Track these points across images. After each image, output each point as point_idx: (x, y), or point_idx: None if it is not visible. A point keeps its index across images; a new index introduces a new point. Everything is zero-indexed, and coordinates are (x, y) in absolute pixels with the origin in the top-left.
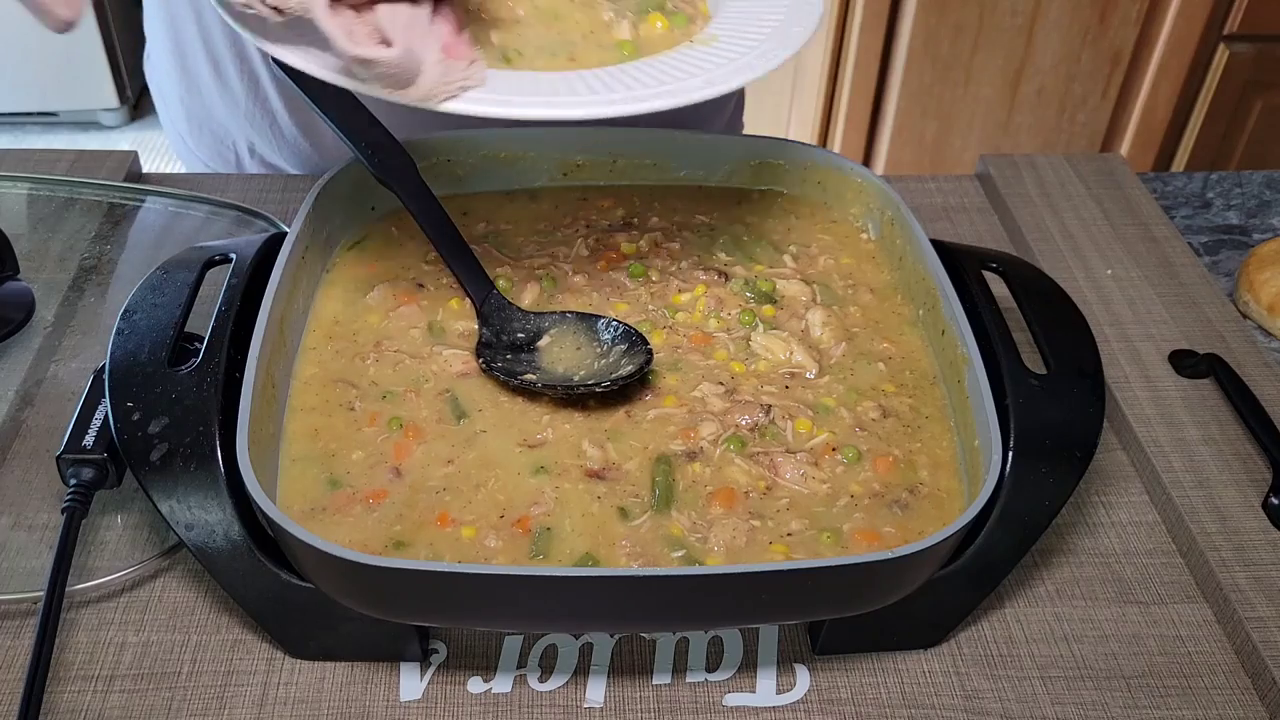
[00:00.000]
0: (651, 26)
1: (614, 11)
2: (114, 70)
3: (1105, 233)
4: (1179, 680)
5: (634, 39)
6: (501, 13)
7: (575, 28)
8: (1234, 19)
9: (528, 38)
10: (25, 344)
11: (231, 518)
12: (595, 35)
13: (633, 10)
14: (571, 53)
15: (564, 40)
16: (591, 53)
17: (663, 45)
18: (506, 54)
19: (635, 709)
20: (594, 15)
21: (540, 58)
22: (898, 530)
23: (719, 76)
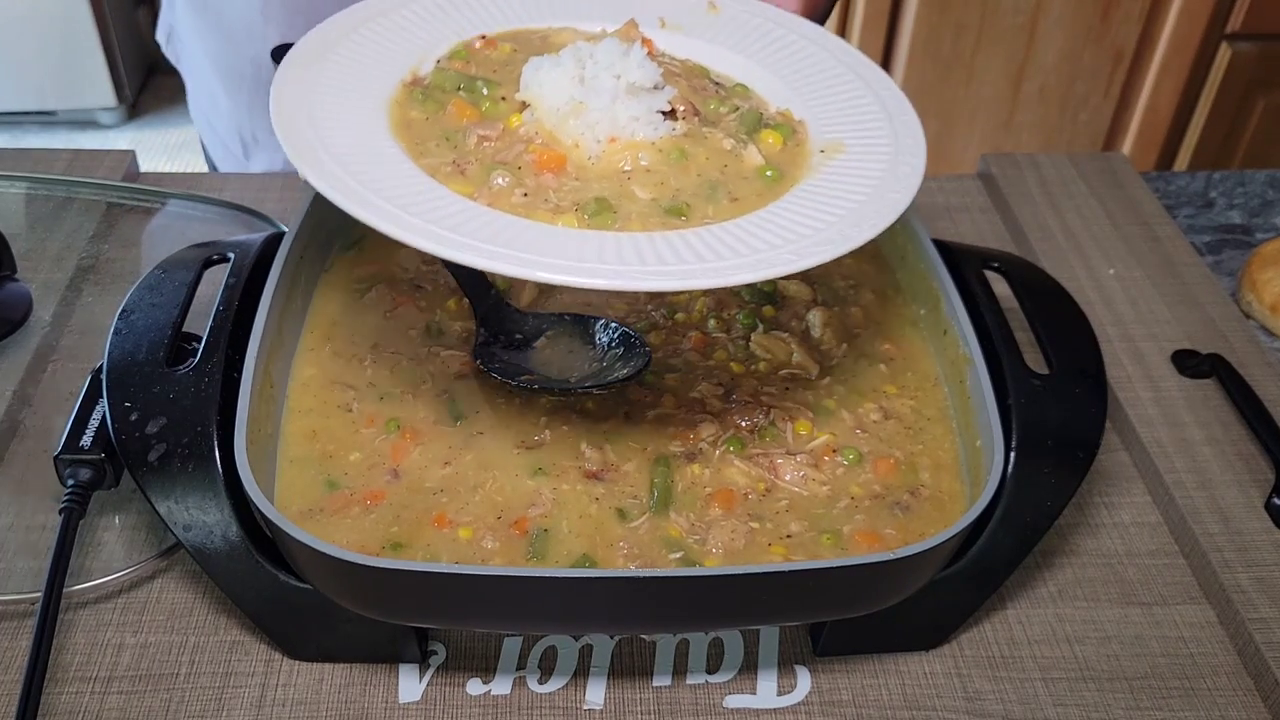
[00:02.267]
0: (768, 143)
1: (729, 137)
2: (112, 69)
3: (1107, 232)
4: (1181, 681)
5: (769, 161)
6: (625, 164)
7: (709, 164)
8: (1236, 17)
9: (675, 186)
10: (23, 344)
11: (229, 518)
12: (731, 168)
13: (744, 132)
14: (729, 192)
15: (710, 181)
16: (743, 186)
17: (794, 162)
18: (678, 208)
19: (635, 711)
20: (713, 145)
21: (705, 204)
22: (899, 532)
23: (887, 202)
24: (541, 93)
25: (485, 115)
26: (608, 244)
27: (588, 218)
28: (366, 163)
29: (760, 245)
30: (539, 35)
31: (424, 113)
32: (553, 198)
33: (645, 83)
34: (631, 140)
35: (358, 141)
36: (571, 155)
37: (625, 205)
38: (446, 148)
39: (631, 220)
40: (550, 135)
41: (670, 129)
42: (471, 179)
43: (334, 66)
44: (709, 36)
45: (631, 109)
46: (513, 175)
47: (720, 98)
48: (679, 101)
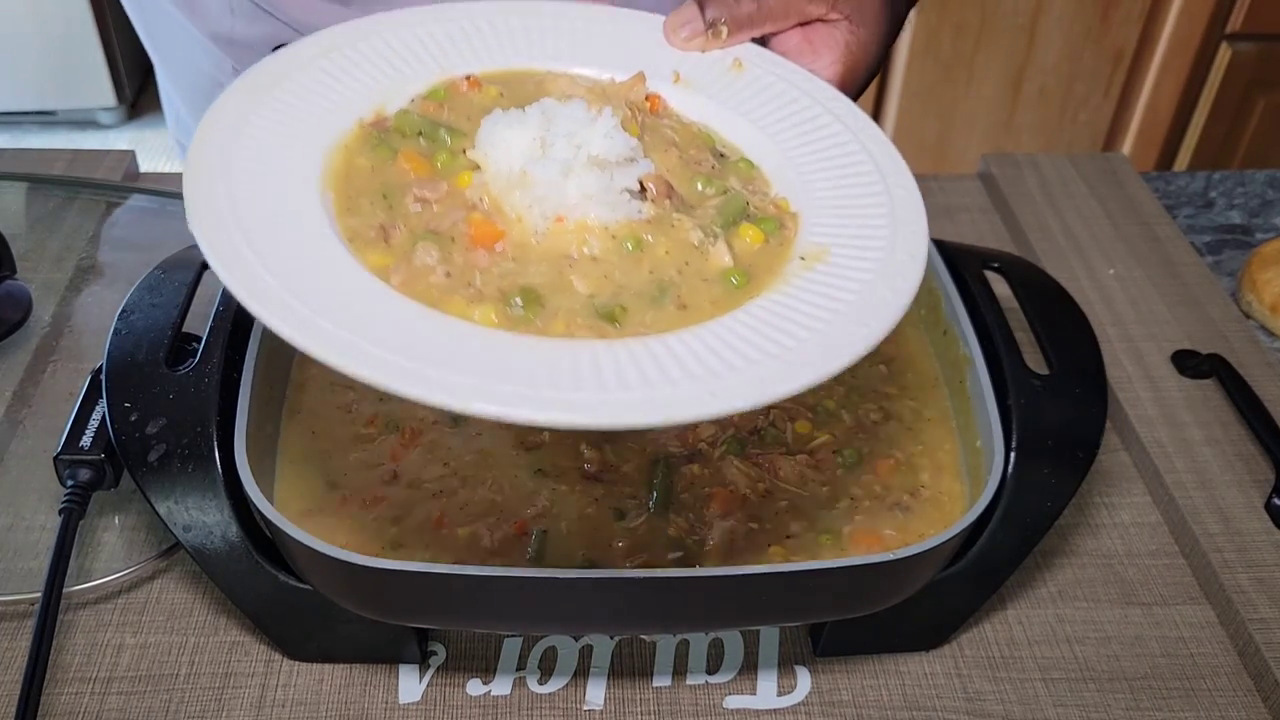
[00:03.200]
0: (745, 241)
1: (699, 229)
2: (112, 69)
3: (1107, 232)
4: (1181, 682)
5: (738, 264)
6: (572, 248)
7: (667, 260)
8: (1236, 17)
9: (620, 282)
10: (22, 344)
11: (229, 519)
12: (692, 267)
13: (719, 224)
14: (678, 297)
15: (660, 280)
16: (699, 291)
17: (769, 268)
18: (610, 312)
19: (635, 711)
20: (677, 237)
21: (646, 310)
22: (898, 532)
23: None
24: (493, 154)
25: (438, 170)
26: (512, 356)
27: (509, 311)
28: (270, 221)
29: (677, 375)
30: (534, 80)
31: (372, 160)
32: (477, 281)
33: (610, 156)
34: (582, 222)
35: (276, 191)
36: (513, 231)
37: (556, 300)
38: (381, 206)
39: (557, 319)
40: (495, 204)
41: (635, 211)
42: (394, 249)
43: (288, 94)
44: (724, 99)
45: (586, 186)
46: (440, 249)
47: (713, 175)
48: (652, 180)
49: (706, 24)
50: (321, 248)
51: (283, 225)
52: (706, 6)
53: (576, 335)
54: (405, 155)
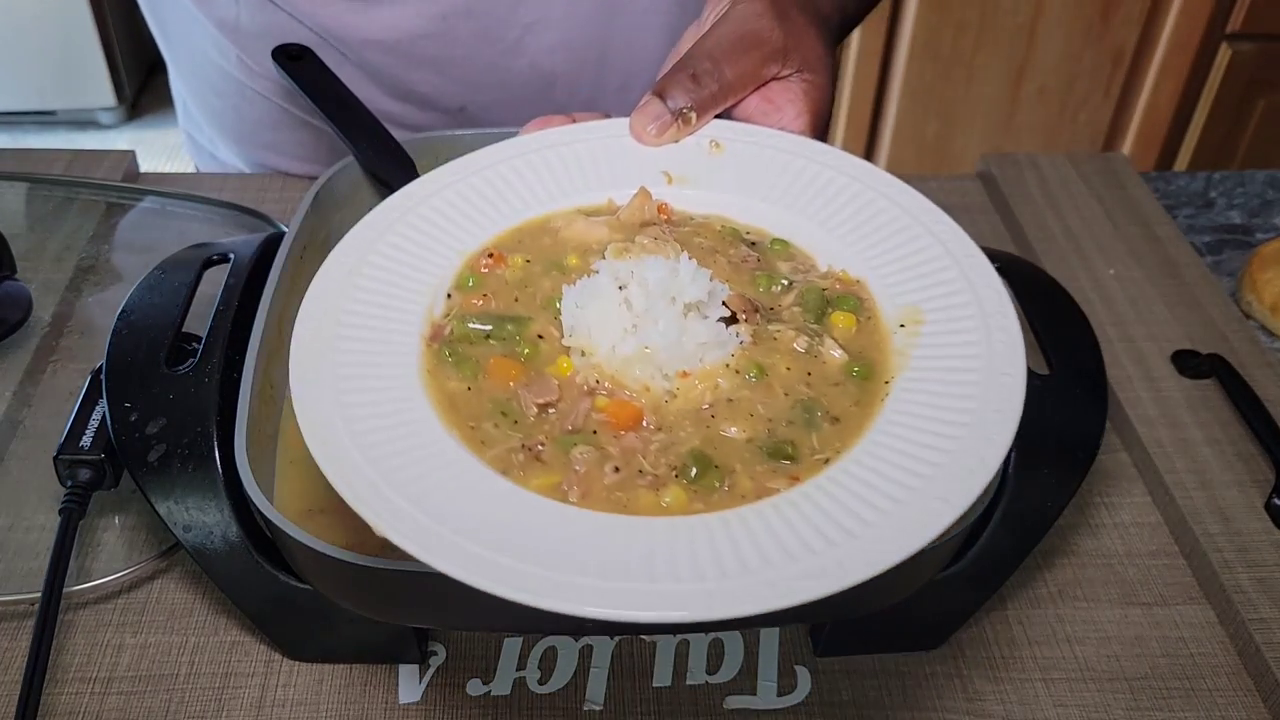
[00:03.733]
0: (841, 328)
1: (797, 332)
2: (112, 69)
3: (1107, 232)
4: (1181, 682)
5: (851, 356)
6: (705, 398)
7: (791, 376)
8: (1236, 18)
9: (767, 415)
10: (22, 344)
11: (229, 519)
12: (816, 374)
13: (812, 320)
14: (827, 411)
15: (800, 400)
16: (835, 397)
17: (875, 345)
18: (782, 451)
19: (635, 711)
20: (785, 348)
21: (808, 434)
22: None
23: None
24: (593, 338)
25: (528, 366)
26: (725, 540)
27: (694, 485)
28: (429, 479)
29: (901, 495)
30: (547, 231)
31: (462, 381)
32: (646, 465)
33: (703, 297)
34: (705, 370)
35: (412, 445)
36: (644, 400)
37: (723, 453)
38: (506, 426)
39: (737, 474)
40: (615, 380)
41: (736, 339)
42: (551, 464)
43: (343, 350)
44: (721, 184)
45: (697, 334)
46: (593, 446)
47: (762, 270)
48: (735, 302)
49: (673, 115)
50: (483, 485)
51: (443, 479)
52: (668, 97)
53: (770, 485)
54: (495, 364)
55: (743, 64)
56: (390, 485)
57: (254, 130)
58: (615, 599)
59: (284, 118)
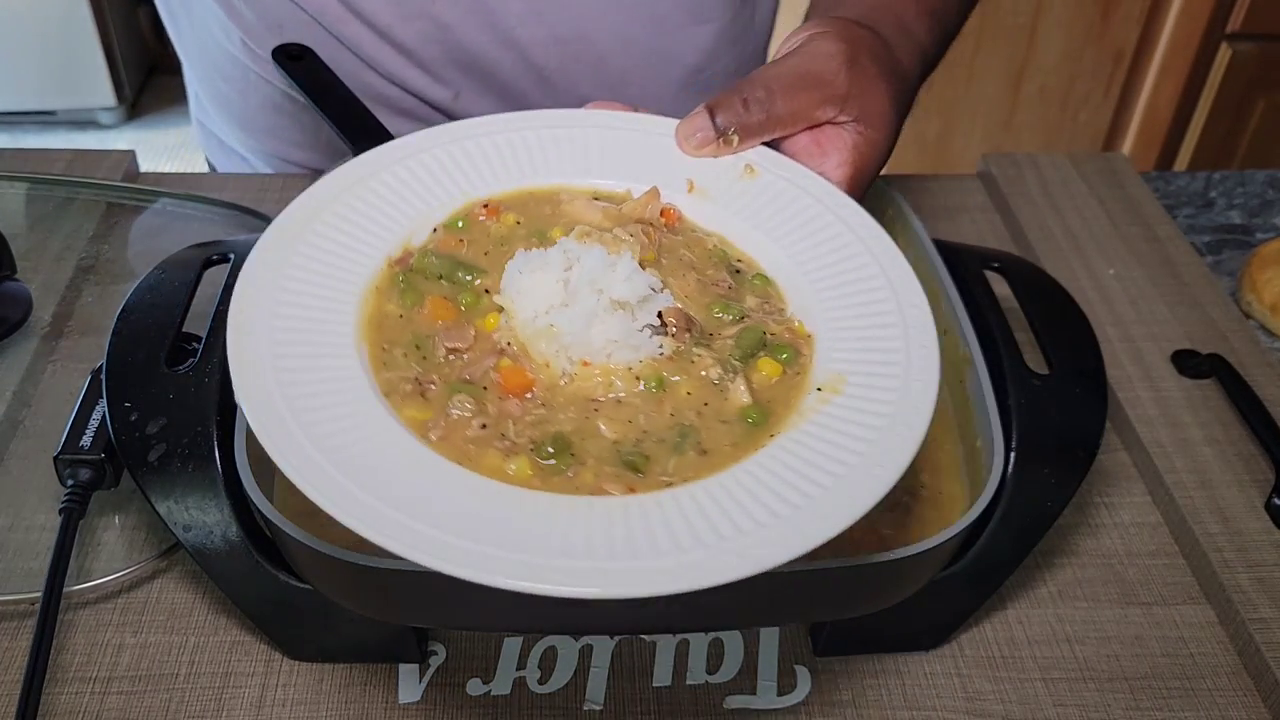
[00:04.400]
0: (762, 374)
1: (718, 365)
2: (112, 69)
3: (1107, 232)
4: (1181, 682)
5: (755, 401)
6: (598, 392)
7: (687, 401)
8: (1236, 18)
9: (643, 427)
10: (22, 344)
11: (229, 519)
12: (711, 407)
13: (737, 357)
14: (699, 442)
15: (682, 425)
16: (718, 434)
17: (785, 401)
18: (634, 461)
19: (635, 711)
20: (697, 374)
21: (669, 457)
22: (897, 533)
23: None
24: (519, 301)
25: (463, 313)
26: (542, 522)
27: (542, 463)
28: (308, 377)
29: (706, 535)
30: (551, 202)
31: (400, 306)
32: (511, 432)
33: (631, 298)
34: (606, 366)
35: (313, 343)
36: (541, 375)
37: (586, 445)
38: (414, 358)
39: (586, 468)
40: (523, 349)
41: (656, 348)
42: (432, 402)
43: (317, 236)
44: (738, 208)
45: (610, 331)
46: (475, 400)
47: (730, 296)
48: (671, 315)
49: (718, 132)
50: (358, 404)
51: (322, 380)
52: (717, 114)
53: (605, 487)
54: (431, 302)
55: (797, 101)
56: (276, 372)
57: (258, 115)
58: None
59: (286, 103)
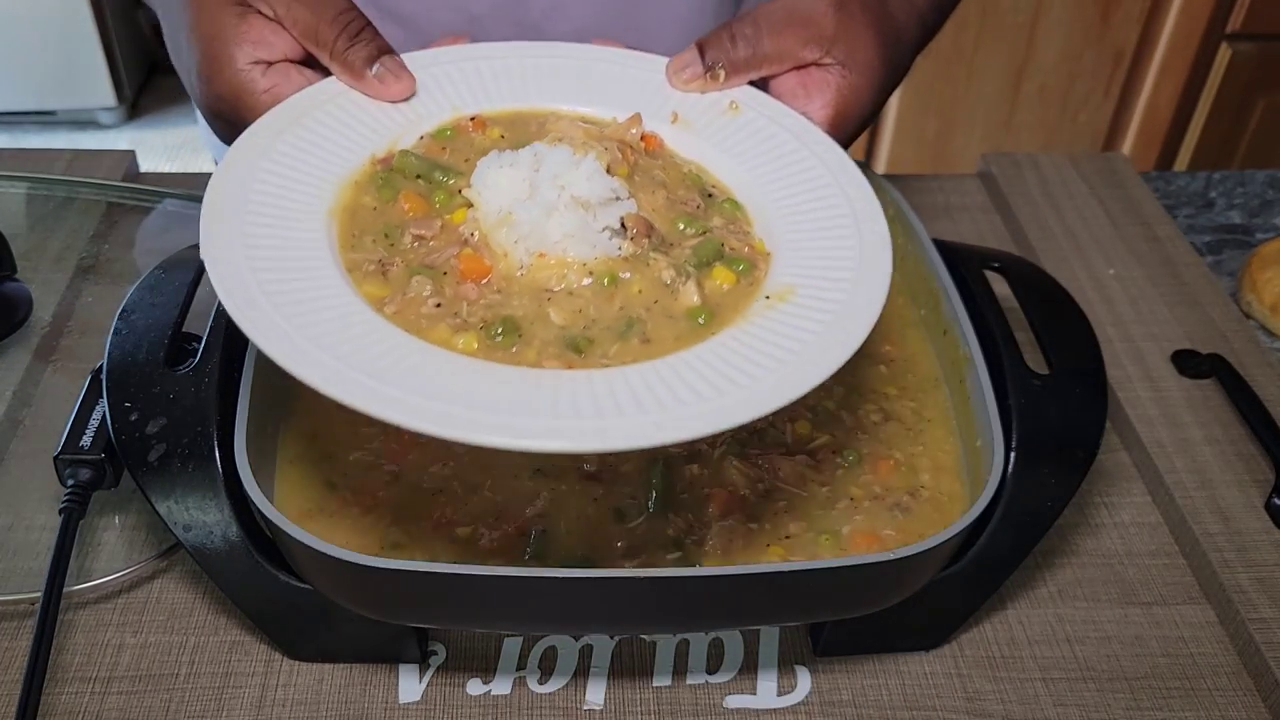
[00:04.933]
0: (716, 282)
1: (673, 268)
2: (112, 69)
3: (1107, 232)
4: (1181, 682)
5: (704, 303)
6: (552, 282)
7: (639, 298)
8: (1236, 17)
9: (591, 316)
10: (23, 344)
11: (229, 519)
12: (661, 305)
13: (693, 264)
14: (644, 332)
15: (629, 316)
16: (663, 327)
17: (735, 307)
18: (577, 343)
19: (635, 711)
20: (651, 275)
21: (611, 343)
22: (898, 533)
23: (812, 368)
24: (485, 194)
25: (435, 209)
26: (480, 384)
27: (490, 339)
28: (276, 249)
29: (628, 406)
30: (537, 121)
31: (376, 200)
32: (464, 312)
33: (592, 197)
34: (561, 258)
35: (286, 220)
36: (500, 265)
37: (534, 328)
38: (382, 244)
39: (530, 348)
40: (485, 240)
41: (615, 248)
42: (391, 281)
43: (307, 130)
44: (719, 140)
45: (566, 225)
46: (434, 281)
47: (697, 215)
48: (632, 220)
49: (705, 67)
50: (321, 276)
51: (288, 253)
52: (706, 51)
53: (544, 364)
54: (406, 196)
55: (783, 40)
56: (245, 239)
57: None
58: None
59: None
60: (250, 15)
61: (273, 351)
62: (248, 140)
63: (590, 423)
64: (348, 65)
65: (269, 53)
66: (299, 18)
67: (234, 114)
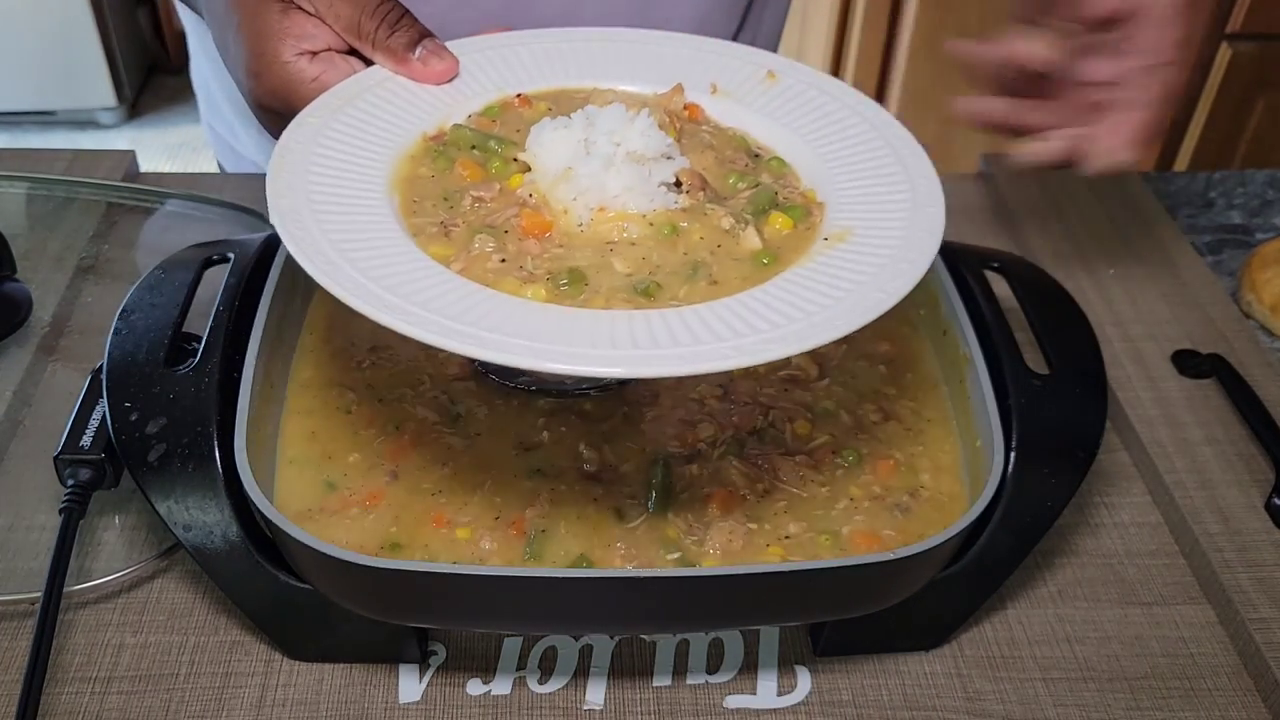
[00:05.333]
0: (775, 227)
1: (731, 216)
2: (112, 69)
3: (1108, 232)
4: (1181, 682)
5: (766, 246)
6: (613, 235)
7: (701, 244)
8: (1236, 17)
9: (656, 263)
10: (23, 344)
11: (229, 519)
12: (724, 249)
13: (750, 212)
14: (710, 275)
15: (693, 260)
16: (729, 269)
17: (796, 249)
18: (646, 288)
19: (635, 711)
20: (711, 224)
21: (680, 286)
22: (898, 533)
23: (876, 295)
24: (541, 155)
25: (491, 175)
26: (556, 324)
27: (557, 289)
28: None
29: (705, 336)
30: (581, 96)
31: (432, 170)
32: (529, 265)
33: (647, 152)
34: (621, 211)
35: (349, 193)
36: (560, 221)
37: (599, 278)
38: (442, 208)
39: (599, 295)
40: (543, 199)
41: (671, 201)
42: (455, 241)
43: (360, 111)
44: (759, 106)
45: (624, 179)
46: (496, 239)
47: (747, 171)
48: (686, 175)
49: None
50: (390, 239)
51: (356, 221)
52: None
53: (614, 308)
54: (462, 163)
55: None
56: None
57: None
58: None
59: None
60: (292, 11)
61: (361, 306)
62: (298, 127)
63: (669, 350)
64: (391, 52)
65: (313, 44)
66: (340, 12)
67: (285, 106)
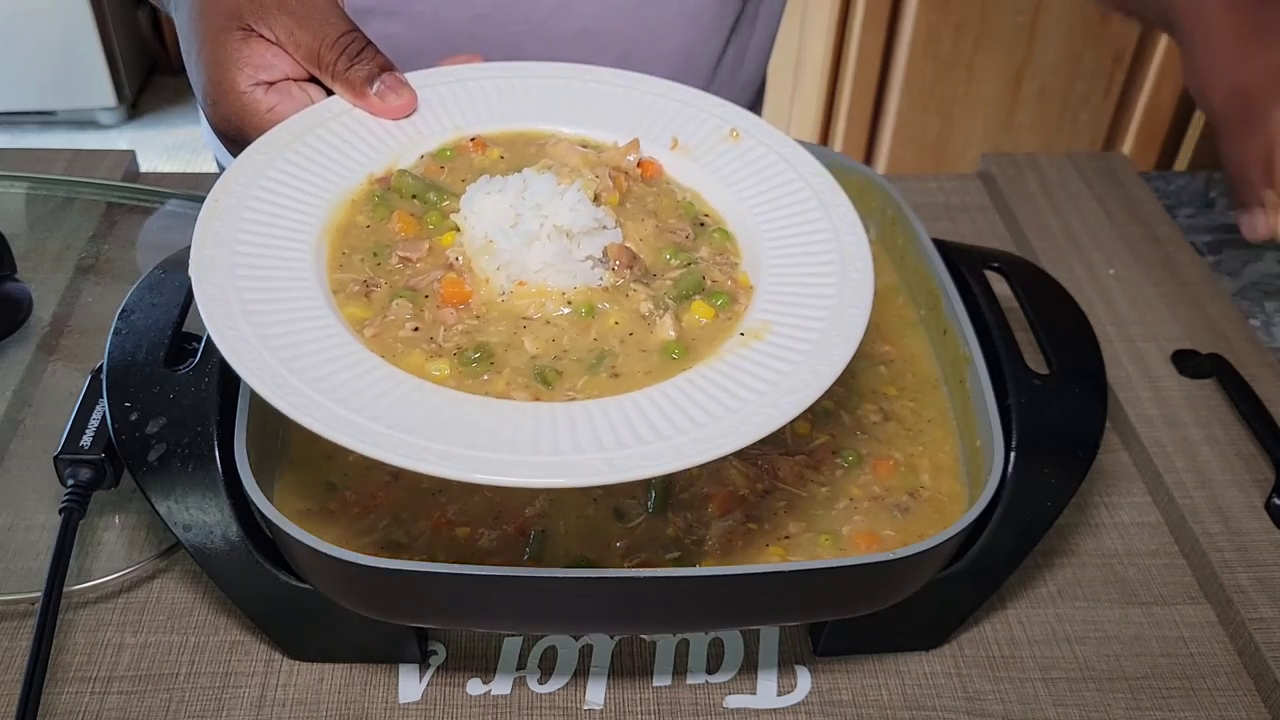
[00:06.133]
0: (694, 316)
1: (652, 300)
2: (112, 69)
3: (1107, 232)
4: (1181, 682)
5: (680, 338)
6: (530, 310)
7: (613, 330)
8: None
9: (565, 346)
10: (23, 344)
11: (229, 518)
12: (636, 337)
13: (672, 297)
14: (613, 366)
15: (602, 350)
16: (635, 361)
17: (710, 341)
18: (545, 375)
19: (635, 711)
20: (630, 308)
21: (580, 375)
22: (898, 533)
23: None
24: (471, 219)
25: (428, 230)
26: (447, 416)
27: (462, 366)
28: (262, 267)
29: (586, 443)
30: (537, 143)
31: (369, 219)
32: (440, 337)
33: (574, 227)
34: (541, 287)
35: (277, 239)
36: (481, 291)
37: (507, 356)
38: (370, 263)
39: (500, 378)
40: (469, 265)
41: (596, 278)
42: (374, 303)
43: (309, 147)
44: (716, 168)
45: (546, 255)
46: (415, 305)
47: (685, 245)
48: (615, 251)
49: None
50: (304, 303)
51: (272, 278)
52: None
53: (512, 394)
54: (399, 216)
55: None
56: (231, 255)
57: None
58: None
59: None
60: (253, 39)
61: (246, 374)
62: (246, 160)
63: (546, 459)
64: (349, 84)
65: (270, 74)
66: (300, 41)
67: (239, 134)
